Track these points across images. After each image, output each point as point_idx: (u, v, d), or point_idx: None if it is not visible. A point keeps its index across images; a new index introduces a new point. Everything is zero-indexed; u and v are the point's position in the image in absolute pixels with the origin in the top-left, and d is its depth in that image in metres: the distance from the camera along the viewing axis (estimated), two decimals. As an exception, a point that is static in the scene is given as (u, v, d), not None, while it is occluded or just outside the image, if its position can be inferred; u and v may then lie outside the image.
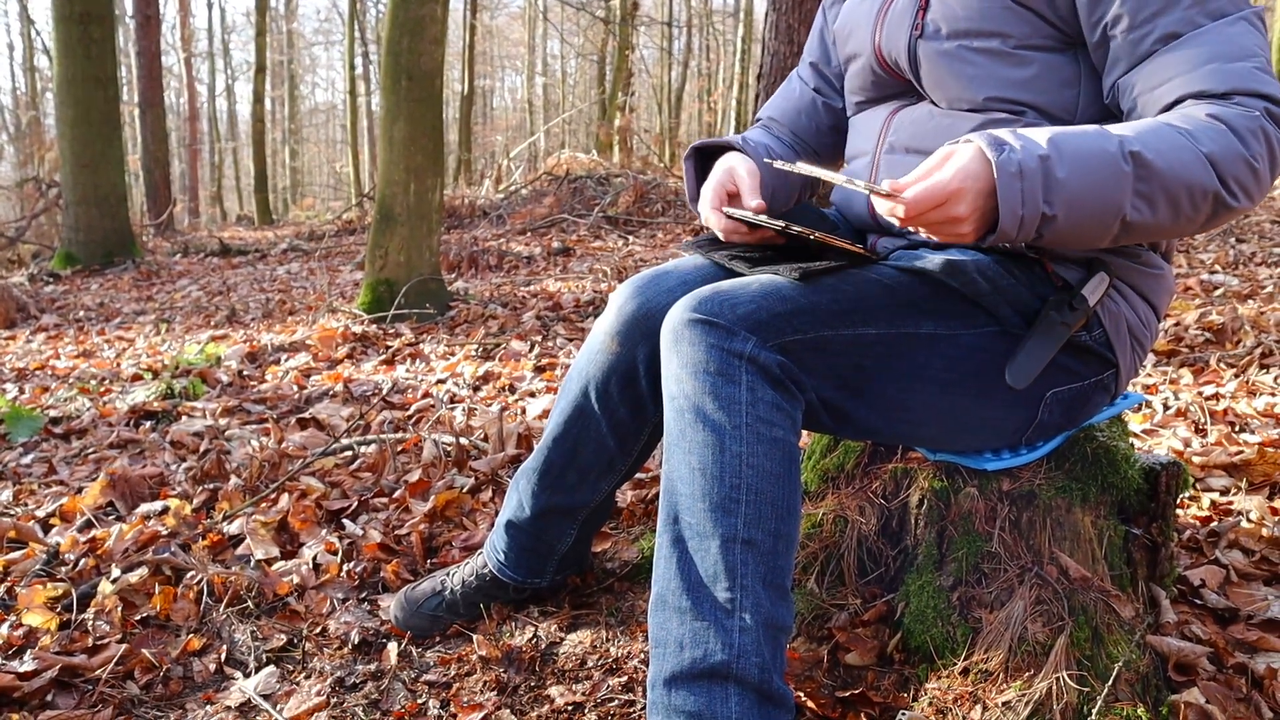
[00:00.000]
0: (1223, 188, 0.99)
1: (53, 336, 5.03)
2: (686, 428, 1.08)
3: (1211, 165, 0.98)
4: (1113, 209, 0.98)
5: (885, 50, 1.28)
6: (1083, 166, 0.96)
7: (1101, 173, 0.96)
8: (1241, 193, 1.00)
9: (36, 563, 1.84)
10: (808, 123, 1.54)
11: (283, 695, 1.42)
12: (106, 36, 7.71)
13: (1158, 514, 1.38)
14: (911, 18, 1.23)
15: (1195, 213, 1.01)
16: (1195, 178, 0.98)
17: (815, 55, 1.53)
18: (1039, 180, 0.95)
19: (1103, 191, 0.97)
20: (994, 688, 1.19)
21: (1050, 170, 0.95)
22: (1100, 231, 1.00)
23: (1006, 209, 0.95)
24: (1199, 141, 0.98)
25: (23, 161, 16.88)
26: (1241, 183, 1.00)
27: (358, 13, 18.03)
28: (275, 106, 28.54)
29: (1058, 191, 0.96)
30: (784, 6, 6.83)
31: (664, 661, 1.06)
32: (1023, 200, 0.95)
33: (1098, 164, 0.97)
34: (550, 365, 3.42)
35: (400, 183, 4.37)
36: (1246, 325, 3.01)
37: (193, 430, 2.79)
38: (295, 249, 8.53)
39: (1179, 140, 0.98)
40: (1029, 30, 1.14)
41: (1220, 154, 0.98)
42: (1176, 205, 0.99)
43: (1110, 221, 0.99)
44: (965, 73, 1.18)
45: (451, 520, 1.96)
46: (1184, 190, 0.99)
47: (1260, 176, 1.01)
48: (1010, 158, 0.95)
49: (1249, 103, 1.01)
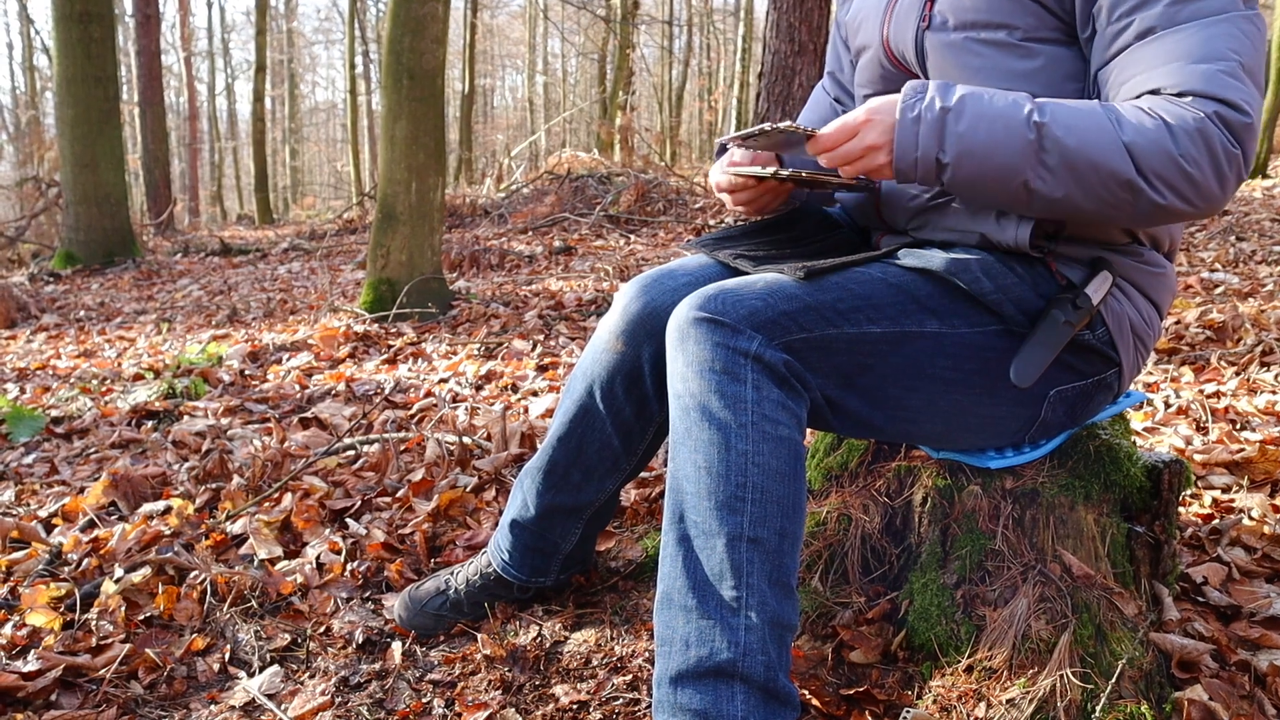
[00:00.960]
0: (1141, 179, 1.01)
1: (54, 336, 5.03)
2: (692, 426, 1.09)
3: (1129, 153, 1.01)
4: (1011, 170, 1.04)
5: (893, 43, 1.28)
6: (985, 125, 1.04)
7: (1002, 134, 1.03)
8: (1169, 190, 1.01)
9: (39, 563, 1.85)
10: None
11: (287, 695, 1.42)
12: (107, 35, 7.70)
13: (1160, 512, 1.38)
14: (919, 10, 1.23)
15: (1112, 197, 1.03)
16: (1106, 161, 1.01)
17: (833, 65, 1.55)
18: (936, 128, 1.05)
19: (1000, 151, 1.03)
20: (998, 685, 1.19)
21: (948, 121, 1.05)
22: (1003, 192, 1.06)
23: (901, 149, 1.06)
24: (1122, 129, 1.01)
25: (22, 161, 16.87)
26: (1167, 180, 1.01)
27: (358, 12, 18.03)
28: (275, 105, 28.53)
29: (953, 142, 1.05)
30: (785, 5, 6.82)
31: (670, 660, 1.06)
32: (917, 143, 1.06)
33: (1001, 126, 1.03)
34: (552, 364, 3.43)
35: (402, 182, 4.37)
36: (1247, 323, 3.02)
37: (195, 430, 2.80)
38: (296, 248, 8.53)
39: (1100, 123, 1.02)
40: (1035, 23, 1.15)
41: (1142, 145, 1.00)
42: (1085, 184, 1.03)
43: (1012, 183, 1.05)
44: (971, 64, 1.19)
45: (455, 519, 1.97)
46: (1091, 170, 1.02)
47: (1195, 180, 1.00)
48: (914, 104, 1.06)
49: (1200, 104, 1.00)
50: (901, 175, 1.08)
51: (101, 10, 7.64)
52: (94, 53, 7.58)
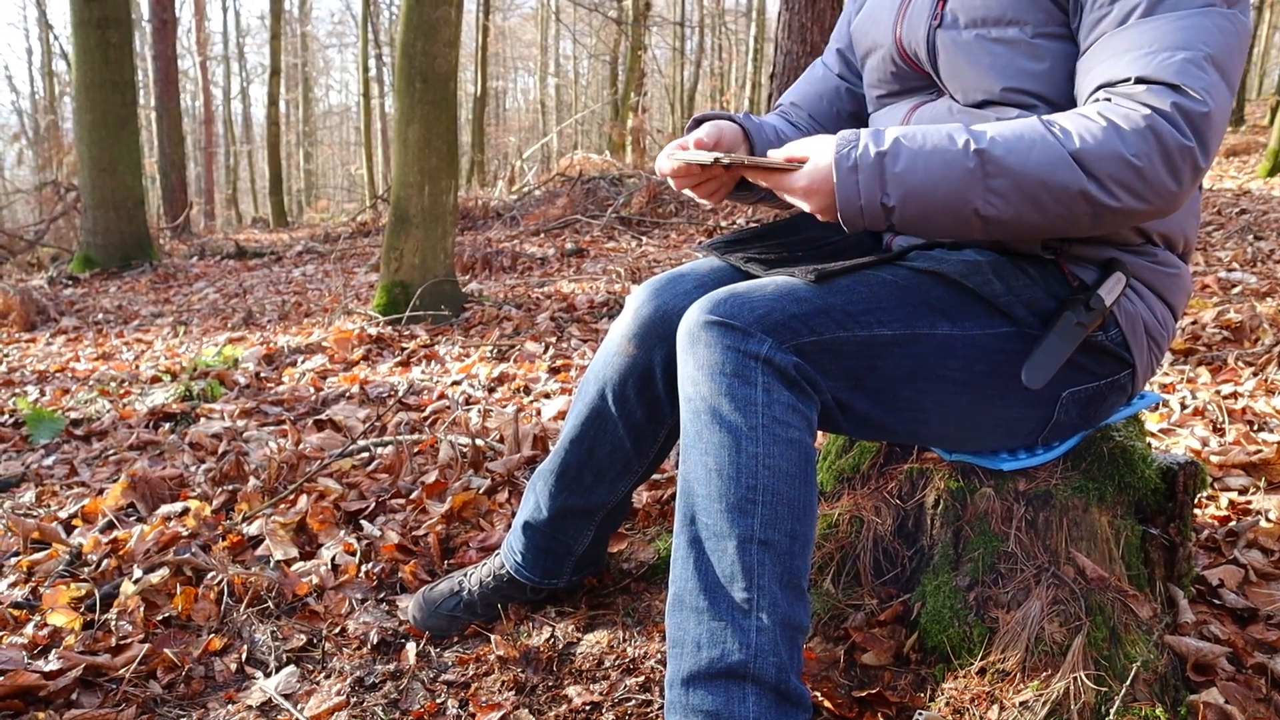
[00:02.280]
0: (1094, 184, 1.00)
1: (72, 339, 5.08)
2: (703, 429, 1.09)
3: (1078, 163, 1.00)
4: (958, 201, 1.04)
5: (906, 41, 1.28)
6: (922, 161, 1.04)
7: (943, 168, 1.03)
8: (1123, 191, 1.00)
9: (60, 563, 1.87)
10: (828, 107, 1.53)
11: (303, 695, 1.43)
12: (124, 41, 7.77)
13: (1175, 514, 1.38)
14: (931, 8, 1.23)
15: (1068, 211, 1.02)
16: (1055, 176, 1.00)
17: (842, 42, 1.52)
18: (875, 173, 1.05)
19: (944, 185, 1.03)
20: (1011, 688, 1.19)
21: (885, 165, 1.04)
22: (955, 223, 1.06)
23: (843, 200, 1.06)
24: (1068, 140, 1.01)
25: (41, 165, 17.05)
26: (1119, 180, 1.00)
27: (371, 15, 18.11)
28: (290, 109, 28.69)
29: (894, 184, 1.04)
30: (797, 6, 6.82)
31: (682, 661, 1.06)
32: (859, 192, 1.05)
33: (939, 160, 1.03)
34: (565, 366, 3.43)
35: (415, 185, 4.39)
36: (1265, 323, 2.99)
37: (211, 432, 2.82)
38: (310, 251, 8.58)
39: (1042, 139, 1.01)
40: (1044, 18, 1.14)
41: (1091, 151, 0.99)
42: (1039, 203, 1.02)
43: (962, 213, 1.04)
44: (982, 62, 1.18)
45: (468, 521, 1.98)
46: (1042, 188, 1.01)
47: (1146, 176, 0.99)
48: (849, 153, 1.06)
49: (1156, 93, 0.99)
50: (850, 224, 1.08)
51: (119, 16, 7.71)
52: (112, 58, 7.65)
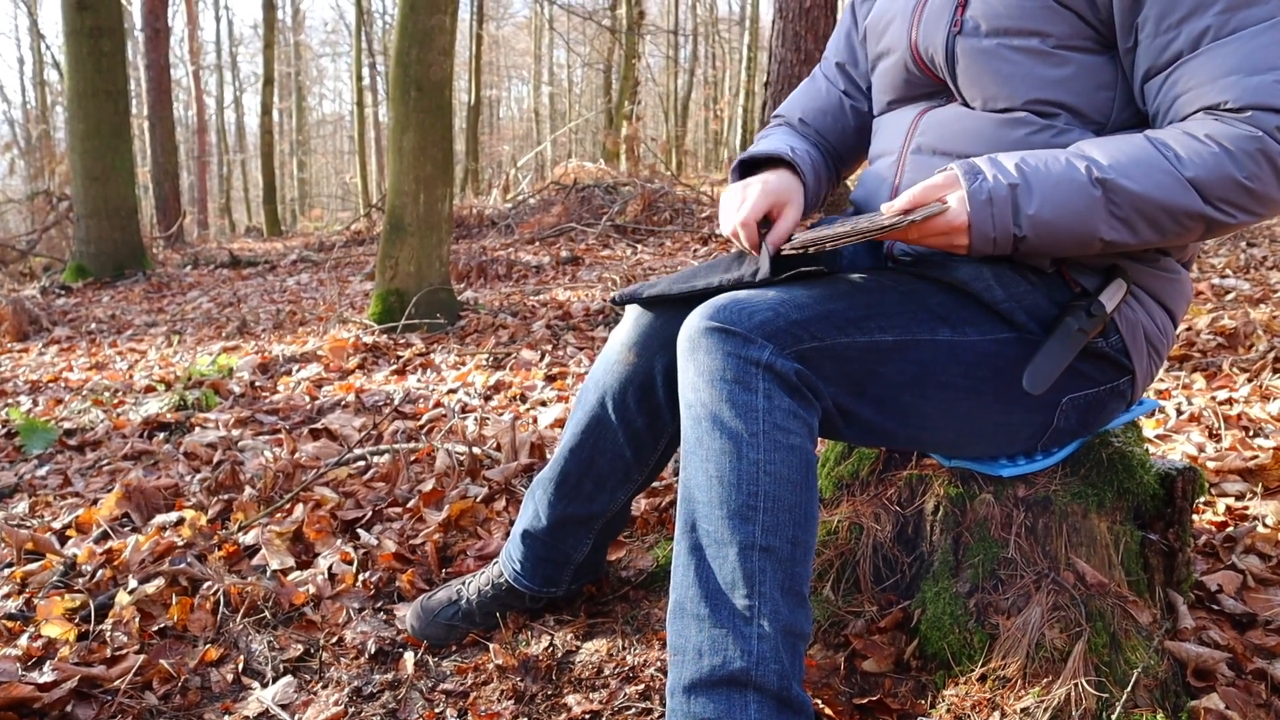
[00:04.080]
0: (1211, 208, 1.04)
1: (65, 349, 5.06)
2: (704, 435, 1.09)
3: (1195, 189, 1.03)
4: (1086, 229, 1.06)
5: (922, 47, 1.26)
6: (1051, 193, 1.05)
7: (1070, 198, 1.05)
8: (1238, 210, 1.04)
9: (54, 574, 1.85)
10: (834, 124, 1.51)
11: (300, 705, 1.42)
12: (117, 50, 7.76)
13: (1174, 519, 1.38)
14: (950, 14, 1.21)
15: (1185, 230, 1.06)
16: (1175, 201, 1.03)
17: (842, 56, 1.50)
18: (1008, 206, 1.06)
19: (1072, 215, 1.05)
20: (1012, 694, 1.19)
21: (1018, 198, 1.06)
22: (1078, 247, 1.09)
23: (978, 233, 1.07)
24: (1183, 166, 1.03)
25: (34, 175, 17.01)
26: (1234, 202, 1.03)
27: (364, 24, 18.14)
28: (283, 118, 28.69)
29: (1026, 216, 1.06)
30: (790, 14, 6.84)
31: (683, 669, 1.06)
32: (993, 224, 1.06)
33: (1066, 191, 1.05)
34: (561, 374, 3.43)
35: (410, 193, 4.39)
36: (1259, 329, 3.00)
37: (206, 441, 2.81)
38: (305, 260, 8.57)
39: (1159, 164, 1.03)
40: (1069, 30, 1.14)
41: (1206, 177, 1.02)
42: (1158, 225, 1.05)
43: (1087, 239, 1.07)
44: (1003, 71, 1.17)
45: (466, 529, 1.97)
46: (1163, 213, 1.04)
47: (1258, 194, 1.03)
48: (982, 186, 1.06)
49: (1260, 118, 1.01)
50: (976, 254, 1.10)
51: (112, 25, 7.70)
52: (104, 67, 7.64)
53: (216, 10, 32.27)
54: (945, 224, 1.08)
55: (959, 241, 1.09)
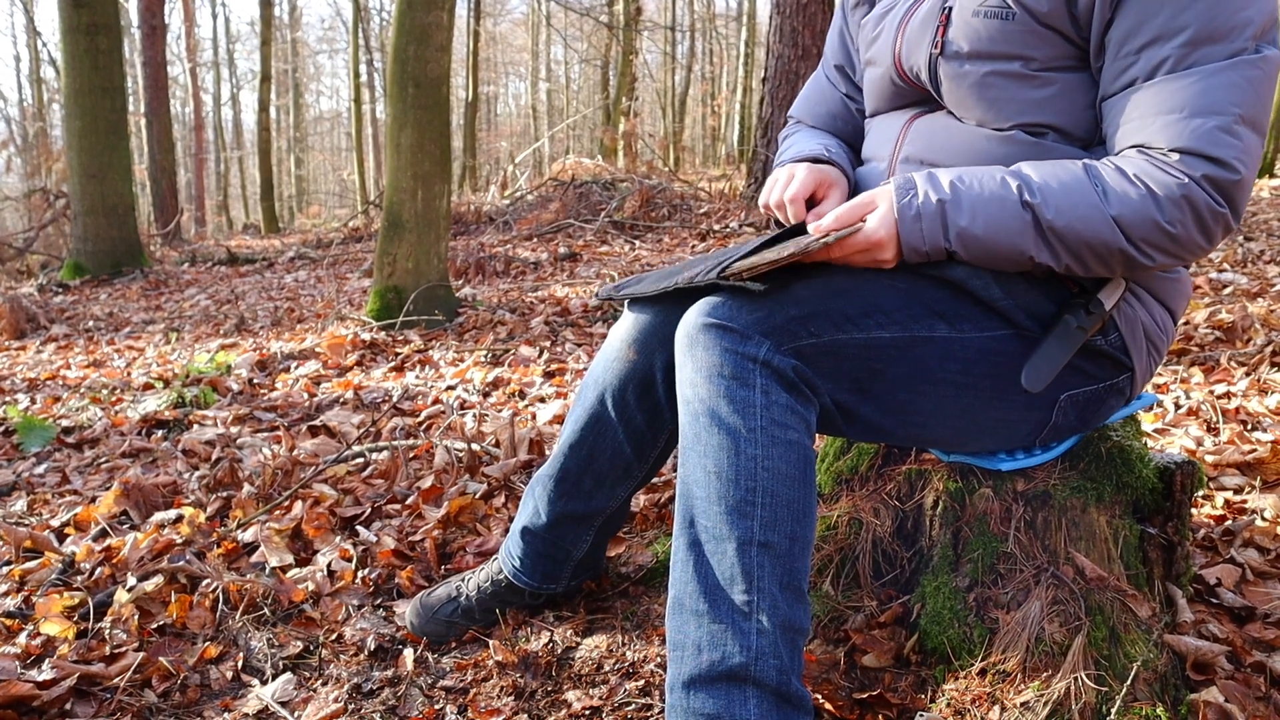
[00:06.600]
0: (1131, 247, 1.06)
1: (63, 346, 5.05)
2: (702, 431, 1.09)
3: (1119, 226, 1.05)
4: (1016, 248, 1.08)
5: (906, 64, 1.26)
6: (982, 210, 1.08)
7: (1000, 217, 1.08)
8: (1158, 252, 1.06)
9: (53, 572, 1.85)
10: (844, 126, 1.53)
11: (300, 702, 1.42)
12: (114, 47, 7.75)
13: (1173, 513, 1.38)
14: (932, 34, 1.21)
15: (1104, 265, 1.09)
16: (1097, 235, 1.06)
17: (839, 58, 1.51)
18: (938, 222, 1.09)
19: (1003, 234, 1.08)
20: (1012, 688, 1.19)
21: (947, 213, 1.09)
22: (1013, 265, 1.11)
23: (908, 246, 1.11)
24: (1109, 203, 1.05)
25: (30, 172, 16.98)
26: (1155, 244, 1.05)
27: (361, 21, 18.10)
28: (280, 115, 28.64)
29: (955, 232, 1.09)
30: (788, 10, 6.83)
31: (682, 664, 1.06)
32: (923, 238, 1.10)
33: (997, 210, 1.08)
34: (559, 370, 3.43)
35: (408, 190, 4.38)
36: (1256, 323, 3.01)
37: (205, 439, 2.81)
38: (302, 257, 8.56)
39: (1087, 198, 1.05)
40: (1051, 52, 1.13)
41: (1130, 218, 1.04)
42: (1080, 256, 1.08)
43: (1019, 257, 1.09)
44: (988, 97, 1.18)
45: (465, 526, 1.97)
46: (1084, 246, 1.07)
47: (1180, 239, 1.04)
48: (911, 202, 1.10)
49: (1189, 164, 1.02)
50: (910, 263, 1.14)
51: (108, 22, 7.69)
52: (101, 64, 7.62)
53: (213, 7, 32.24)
54: (864, 241, 1.11)
55: (883, 257, 1.12)
